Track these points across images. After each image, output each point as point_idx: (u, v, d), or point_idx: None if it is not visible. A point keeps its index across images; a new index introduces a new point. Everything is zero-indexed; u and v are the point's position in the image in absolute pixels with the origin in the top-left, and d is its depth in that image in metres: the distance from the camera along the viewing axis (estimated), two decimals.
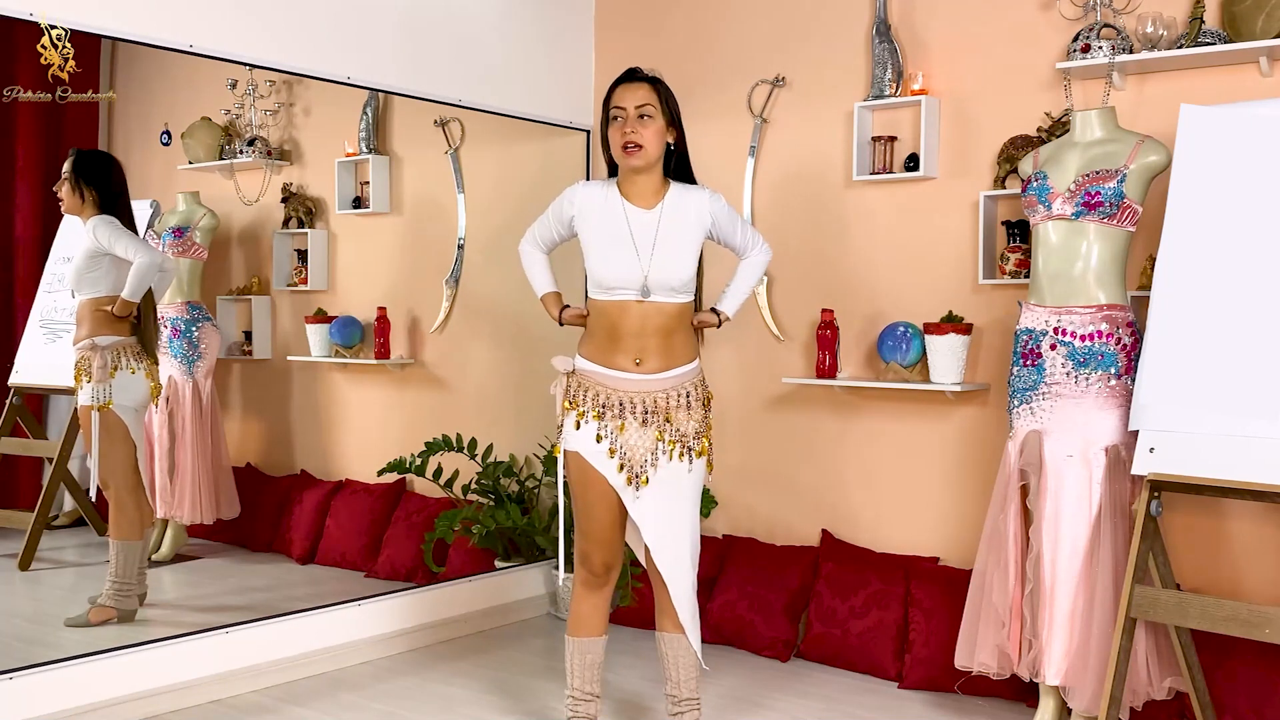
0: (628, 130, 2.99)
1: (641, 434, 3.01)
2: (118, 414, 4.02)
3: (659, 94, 3.04)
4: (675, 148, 3.10)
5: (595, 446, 3.02)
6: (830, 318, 4.21)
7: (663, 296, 3.01)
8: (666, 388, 3.03)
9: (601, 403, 3.02)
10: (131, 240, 4.03)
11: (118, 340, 4.04)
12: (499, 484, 4.83)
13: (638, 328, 3.01)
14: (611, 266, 3.00)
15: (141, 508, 4.08)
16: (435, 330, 5.08)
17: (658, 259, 2.99)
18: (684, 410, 3.05)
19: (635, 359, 3.01)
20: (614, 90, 3.06)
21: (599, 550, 3.11)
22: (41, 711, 3.33)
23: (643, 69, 3.11)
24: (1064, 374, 3.32)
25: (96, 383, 4.00)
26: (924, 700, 3.80)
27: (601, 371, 3.04)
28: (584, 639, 3.18)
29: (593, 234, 3.06)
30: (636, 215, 3.04)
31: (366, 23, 4.13)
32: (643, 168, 3.03)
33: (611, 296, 3.02)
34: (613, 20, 4.96)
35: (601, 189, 3.10)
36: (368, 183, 4.99)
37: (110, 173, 4.12)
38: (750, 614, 4.25)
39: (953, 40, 4.07)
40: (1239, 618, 2.92)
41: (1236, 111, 3.18)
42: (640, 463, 3.01)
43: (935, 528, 4.12)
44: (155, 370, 4.19)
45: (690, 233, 3.06)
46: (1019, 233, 3.86)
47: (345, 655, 4.12)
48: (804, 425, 4.44)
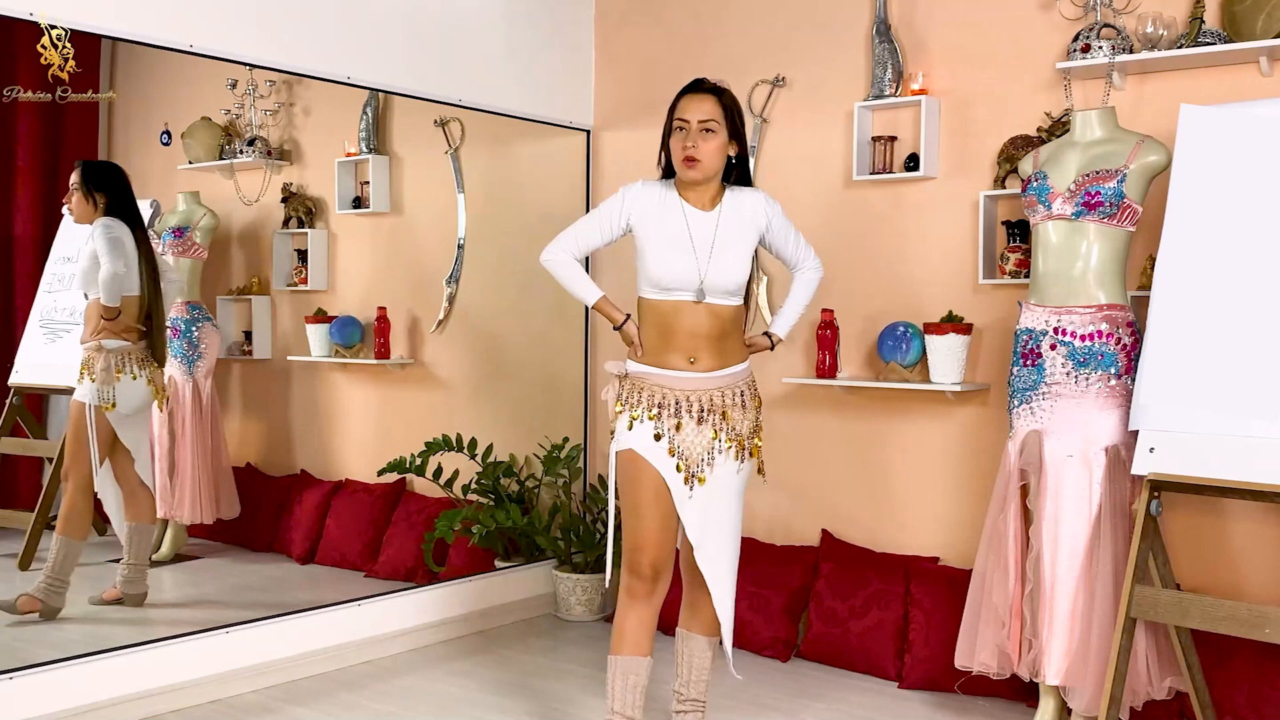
0: (689, 145, 2.95)
1: (698, 433, 2.98)
2: (108, 418, 4.03)
3: (724, 108, 2.99)
4: (737, 160, 3.07)
5: (654, 445, 2.97)
6: (830, 318, 4.21)
7: (717, 299, 2.99)
8: (722, 386, 3.01)
9: (657, 402, 2.98)
10: (109, 250, 4.04)
11: (124, 345, 4.07)
12: (499, 484, 4.83)
13: (691, 329, 2.98)
14: (670, 267, 2.97)
15: (90, 508, 4.08)
16: (435, 330, 5.08)
17: (715, 261, 2.97)
18: (739, 409, 3.03)
19: (689, 358, 2.99)
20: (680, 99, 3.02)
21: (649, 551, 3.00)
22: (42, 711, 3.33)
23: (710, 79, 3.06)
24: (1064, 374, 3.32)
25: (100, 384, 4.02)
26: (924, 700, 3.80)
27: (656, 372, 3.00)
28: (628, 658, 3.02)
29: (651, 234, 3.01)
30: (696, 217, 3.01)
31: (366, 22, 4.13)
32: (700, 180, 3.00)
33: (667, 297, 2.99)
34: (613, 20, 4.96)
35: (659, 189, 3.06)
36: (368, 183, 4.99)
37: (119, 178, 4.18)
38: (750, 614, 4.25)
39: (953, 40, 4.07)
40: (1239, 618, 2.92)
41: (1236, 111, 3.18)
42: (697, 461, 2.98)
43: (935, 528, 4.12)
44: (160, 376, 4.21)
45: (746, 235, 3.05)
46: (1019, 233, 3.86)
47: (345, 655, 4.12)
48: (804, 425, 4.44)
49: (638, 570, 3.01)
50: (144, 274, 4.14)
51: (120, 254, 4.09)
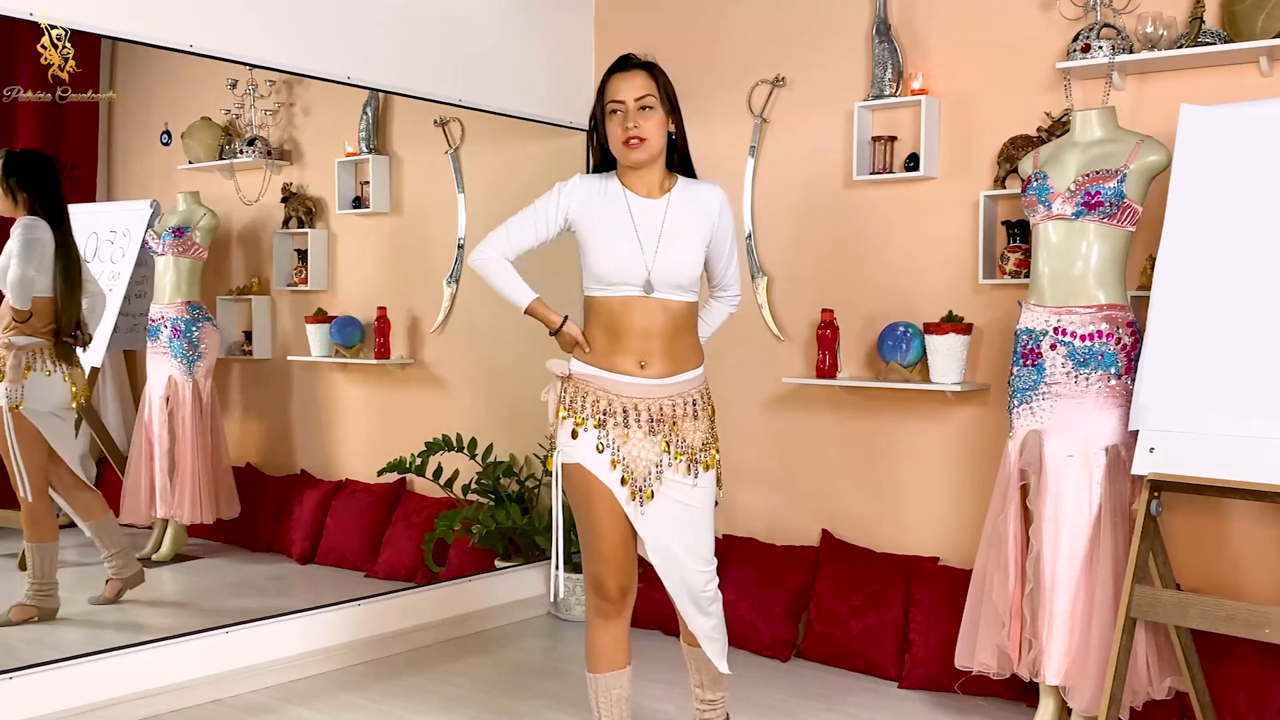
0: (629, 125, 2.75)
1: (646, 444, 2.77)
2: (28, 417, 3.95)
3: (657, 82, 2.81)
4: (675, 136, 2.86)
5: (596, 457, 2.76)
6: (830, 318, 4.21)
7: (667, 294, 2.77)
8: (673, 394, 2.81)
9: (602, 409, 2.77)
10: (21, 251, 3.94)
11: (33, 341, 3.98)
12: (499, 484, 4.84)
13: (642, 327, 2.77)
14: (612, 259, 2.76)
15: (51, 510, 4.03)
16: (435, 330, 5.08)
17: (663, 253, 2.77)
18: (690, 420, 2.82)
19: (640, 361, 2.77)
20: (609, 81, 2.82)
21: (611, 573, 2.82)
22: (42, 711, 3.32)
23: (637, 55, 2.87)
24: (1064, 374, 3.31)
25: (9, 383, 3.93)
26: (924, 700, 3.81)
27: (603, 375, 2.78)
28: (606, 674, 2.89)
29: (592, 225, 2.81)
30: (640, 205, 2.81)
31: (366, 23, 4.13)
32: (646, 161, 2.80)
33: (614, 292, 2.78)
34: (612, 20, 4.96)
35: (598, 181, 2.86)
36: (368, 183, 5.00)
37: (44, 172, 4.05)
38: (750, 614, 4.25)
39: (953, 40, 4.07)
40: (1239, 618, 2.92)
41: (1236, 111, 3.18)
42: (644, 475, 2.77)
43: (935, 528, 4.12)
44: (77, 374, 4.08)
45: (699, 227, 2.84)
46: (1019, 233, 3.86)
47: (345, 655, 4.12)
48: (804, 425, 4.44)
49: (604, 593, 2.85)
50: (58, 276, 4.01)
51: (32, 257, 3.96)
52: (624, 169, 2.86)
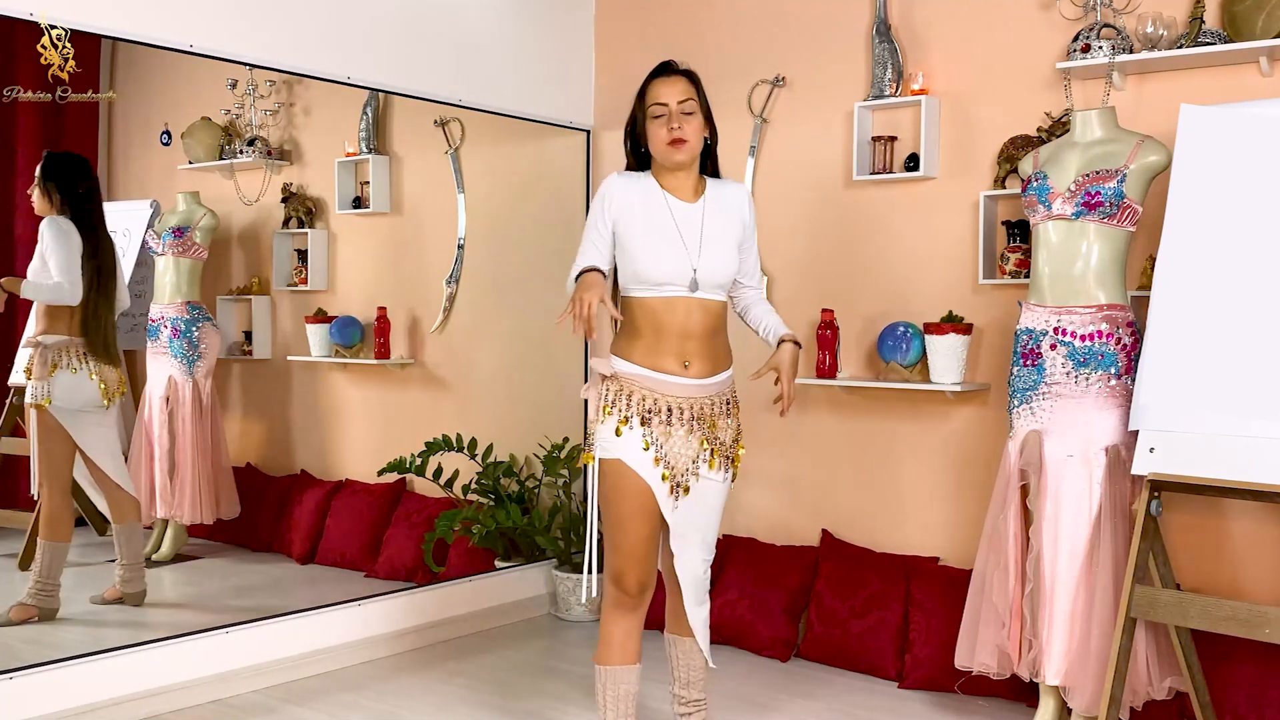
0: (674, 126, 2.87)
1: (686, 442, 2.88)
2: (54, 415, 3.95)
3: (697, 88, 2.94)
4: (710, 142, 3.00)
5: (640, 455, 2.85)
6: (830, 318, 4.21)
7: (708, 293, 2.89)
8: (712, 394, 2.93)
9: (647, 408, 2.86)
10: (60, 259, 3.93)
11: (62, 340, 3.99)
12: (499, 484, 4.84)
13: (683, 327, 2.87)
14: (659, 261, 2.85)
15: (70, 511, 4.03)
16: (435, 330, 5.08)
17: (706, 253, 2.89)
18: (724, 417, 2.96)
19: (683, 362, 2.88)
20: (651, 84, 2.95)
21: (634, 567, 2.90)
22: (42, 711, 3.33)
23: (676, 62, 2.99)
24: (1064, 374, 3.31)
25: (36, 380, 3.94)
26: (924, 700, 3.80)
27: (649, 375, 2.87)
28: (616, 668, 2.97)
29: (637, 227, 2.89)
30: (681, 209, 2.92)
31: (366, 23, 4.13)
32: (687, 162, 2.92)
33: (658, 293, 2.87)
34: (612, 20, 4.96)
35: (639, 180, 2.95)
36: (368, 183, 4.99)
37: (79, 174, 4.06)
38: (750, 614, 4.25)
39: (953, 40, 4.07)
40: (1239, 618, 2.92)
41: (1236, 111, 3.18)
42: (683, 471, 2.89)
43: (935, 528, 4.12)
44: (109, 372, 4.07)
45: (734, 227, 2.98)
46: (1019, 233, 3.86)
47: (345, 655, 4.12)
48: (804, 425, 4.44)
49: (624, 587, 2.93)
50: (89, 276, 4.00)
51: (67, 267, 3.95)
52: (661, 171, 2.97)
